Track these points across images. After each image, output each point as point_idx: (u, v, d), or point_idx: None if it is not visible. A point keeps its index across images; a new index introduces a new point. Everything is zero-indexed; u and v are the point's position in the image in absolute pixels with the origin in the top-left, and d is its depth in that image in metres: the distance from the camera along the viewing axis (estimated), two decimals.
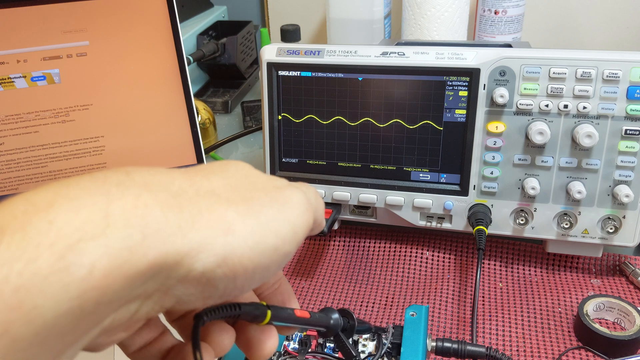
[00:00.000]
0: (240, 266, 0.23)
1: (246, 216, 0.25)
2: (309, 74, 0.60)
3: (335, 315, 0.36)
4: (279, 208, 0.26)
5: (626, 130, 0.53)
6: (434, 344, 0.44)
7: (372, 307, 0.58)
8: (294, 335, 0.46)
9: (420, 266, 0.63)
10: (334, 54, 0.59)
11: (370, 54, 0.58)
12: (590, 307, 0.53)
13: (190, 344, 0.27)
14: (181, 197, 0.24)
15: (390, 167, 0.61)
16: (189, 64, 0.85)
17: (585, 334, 0.52)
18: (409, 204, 0.61)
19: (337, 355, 0.44)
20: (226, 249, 0.23)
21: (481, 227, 0.56)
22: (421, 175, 0.60)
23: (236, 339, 0.30)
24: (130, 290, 0.21)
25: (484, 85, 0.56)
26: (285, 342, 0.46)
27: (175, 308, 0.24)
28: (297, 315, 0.32)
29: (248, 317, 0.29)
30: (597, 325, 0.51)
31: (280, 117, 0.62)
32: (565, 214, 0.57)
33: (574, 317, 0.55)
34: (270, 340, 0.30)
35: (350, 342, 0.45)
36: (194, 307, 0.24)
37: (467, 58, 0.56)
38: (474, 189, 0.59)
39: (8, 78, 0.64)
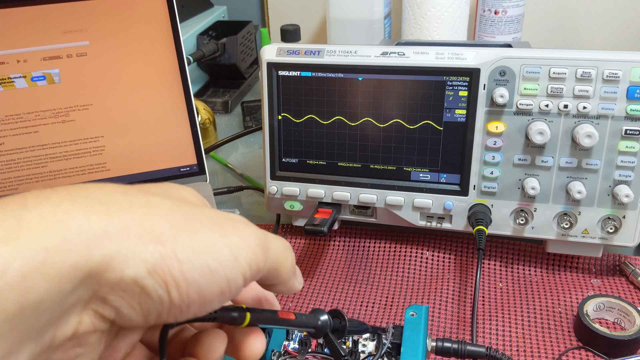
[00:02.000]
0: (171, 278, 0.23)
1: (181, 230, 0.24)
2: (309, 74, 0.60)
3: (324, 317, 0.35)
4: (222, 232, 0.25)
5: (626, 130, 0.53)
6: (434, 344, 0.44)
7: (372, 307, 0.58)
8: (294, 335, 0.46)
9: (420, 266, 0.63)
10: (334, 54, 0.59)
11: (370, 54, 0.58)
12: (590, 307, 0.53)
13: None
14: (110, 204, 0.23)
15: (390, 167, 0.61)
16: (189, 64, 0.85)
17: (585, 334, 0.52)
18: (409, 204, 0.61)
19: None
20: (156, 258, 0.23)
21: (481, 227, 0.56)
22: (421, 175, 0.60)
23: None
24: (60, 296, 0.21)
25: (484, 85, 0.56)
26: (285, 342, 0.46)
27: (117, 322, 0.24)
28: (281, 317, 0.32)
29: (226, 319, 0.29)
30: (597, 325, 0.51)
31: (280, 117, 0.62)
32: (565, 214, 0.57)
33: (574, 317, 0.55)
34: (256, 341, 0.30)
35: (350, 344, 0.45)
36: (136, 324, 0.24)
37: (467, 58, 0.56)
38: (474, 189, 0.59)
39: (8, 78, 0.64)
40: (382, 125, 0.60)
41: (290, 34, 0.89)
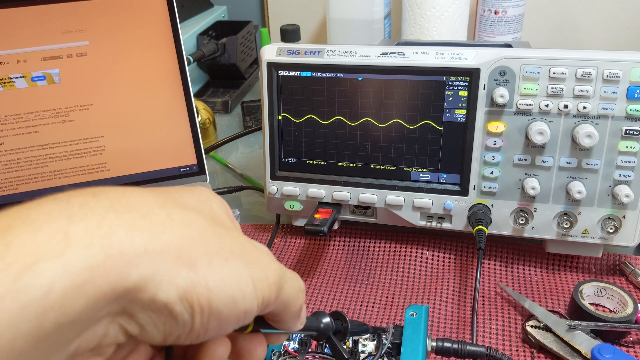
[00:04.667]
0: (198, 305, 0.23)
1: (213, 257, 0.24)
2: (309, 74, 0.60)
3: (326, 319, 0.35)
4: (247, 262, 0.26)
5: (626, 130, 0.53)
6: (434, 344, 0.44)
7: (372, 307, 0.58)
8: (294, 335, 0.46)
9: (420, 266, 0.63)
10: (334, 54, 0.59)
11: (370, 54, 0.58)
12: (587, 289, 0.54)
13: None
14: (151, 219, 0.23)
15: (390, 167, 0.61)
16: (189, 64, 0.85)
17: (577, 312, 0.52)
18: (409, 204, 0.61)
19: None
20: (187, 284, 0.23)
21: (481, 227, 0.56)
22: (421, 175, 0.60)
23: None
24: (93, 311, 0.21)
25: (484, 85, 0.56)
26: (285, 342, 0.46)
27: (138, 338, 0.24)
28: None
29: None
30: (585, 302, 0.52)
31: (280, 117, 0.62)
32: (565, 214, 0.57)
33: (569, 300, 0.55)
34: (259, 348, 0.30)
35: (350, 344, 0.45)
36: (154, 342, 0.24)
37: (467, 58, 0.56)
38: (474, 189, 0.59)
39: (8, 78, 0.64)
40: (382, 125, 0.60)
41: (290, 34, 0.89)
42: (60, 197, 0.22)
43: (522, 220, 0.58)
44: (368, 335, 0.45)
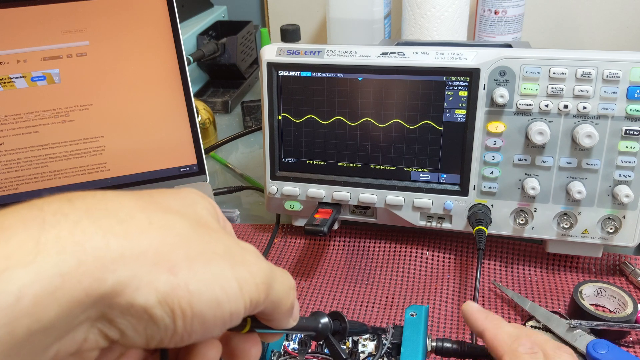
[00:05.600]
0: (179, 309, 0.23)
1: (195, 260, 0.24)
2: (309, 74, 0.60)
3: (324, 320, 0.35)
4: (232, 263, 0.25)
5: (626, 130, 0.53)
6: (434, 344, 0.44)
7: (372, 307, 0.58)
8: (294, 336, 0.46)
9: (420, 266, 0.63)
10: (334, 54, 0.59)
11: (370, 54, 0.58)
12: (586, 290, 0.54)
13: None
14: (129, 224, 0.23)
15: (390, 167, 0.61)
16: (189, 64, 0.85)
17: (577, 313, 0.52)
18: (409, 204, 0.61)
19: None
20: (167, 287, 0.23)
21: (481, 227, 0.56)
22: (421, 175, 0.60)
23: None
24: (69, 317, 0.21)
25: (484, 85, 0.56)
26: (285, 342, 0.46)
27: (119, 343, 0.24)
28: None
29: None
30: (586, 303, 0.52)
31: (280, 117, 0.62)
32: (565, 214, 0.57)
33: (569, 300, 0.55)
34: (253, 348, 0.30)
35: (350, 344, 0.45)
36: (137, 346, 0.24)
37: (467, 58, 0.56)
38: (474, 189, 0.59)
39: (8, 78, 0.64)
40: (382, 125, 0.60)
41: (290, 34, 0.89)
42: (34, 204, 0.22)
43: (522, 220, 0.58)
44: (368, 335, 0.45)
